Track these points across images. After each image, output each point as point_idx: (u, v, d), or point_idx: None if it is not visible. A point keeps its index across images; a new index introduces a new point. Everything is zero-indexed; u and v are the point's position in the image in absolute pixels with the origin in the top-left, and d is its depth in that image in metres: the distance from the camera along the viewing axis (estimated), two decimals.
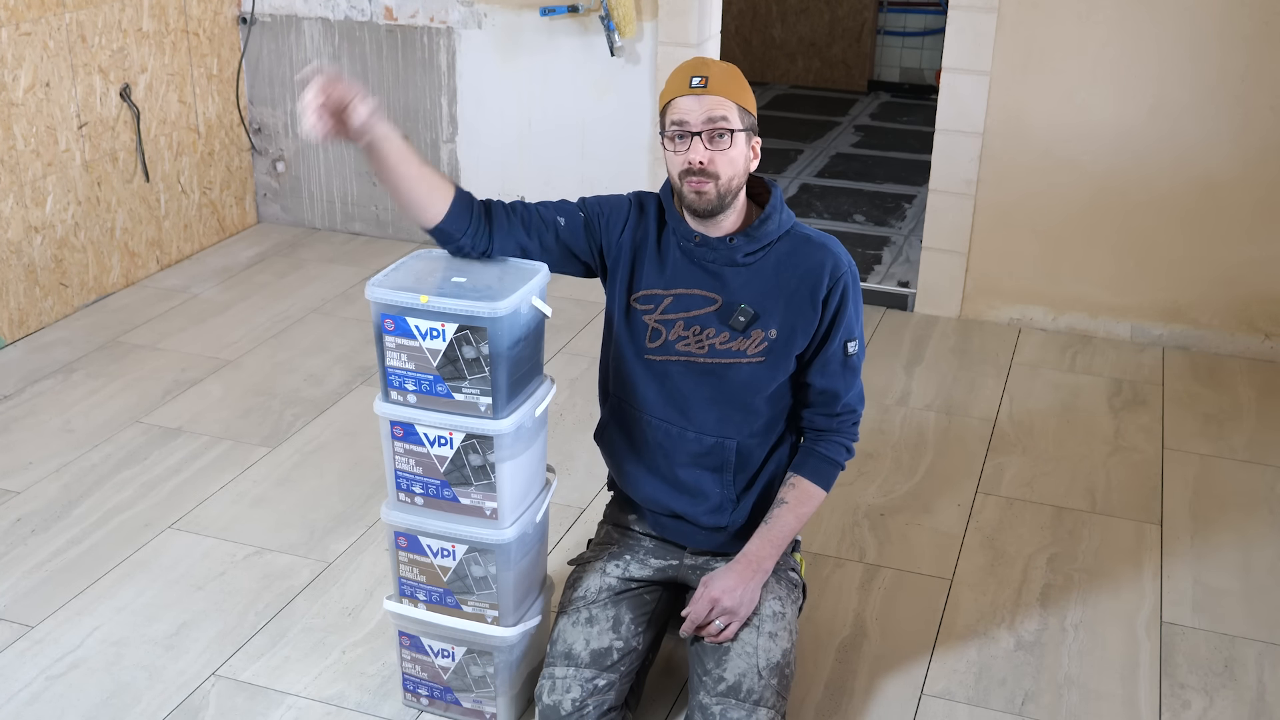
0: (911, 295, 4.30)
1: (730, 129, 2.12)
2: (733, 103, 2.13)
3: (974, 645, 2.65)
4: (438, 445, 2.14)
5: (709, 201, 2.14)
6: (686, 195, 2.16)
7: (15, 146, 3.87)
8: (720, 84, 2.13)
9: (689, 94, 2.12)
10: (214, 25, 4.64)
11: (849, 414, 2.30)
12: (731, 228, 2.21)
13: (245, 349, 3.94)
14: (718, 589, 2.22)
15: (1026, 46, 3.90)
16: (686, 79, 2.13)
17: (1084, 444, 3.45)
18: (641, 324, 2.26)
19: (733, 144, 2.13)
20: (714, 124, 2.11)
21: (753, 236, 2.20)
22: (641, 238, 2.26)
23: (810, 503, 2.28)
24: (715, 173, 2.12)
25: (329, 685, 2.50)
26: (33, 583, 2.80)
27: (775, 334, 2.20)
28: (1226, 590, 2.83)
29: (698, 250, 2.22)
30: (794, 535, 2.30)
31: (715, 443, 2.27)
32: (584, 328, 4.03)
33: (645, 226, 2.27)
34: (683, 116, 2.12)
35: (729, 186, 2.14)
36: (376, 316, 2.09)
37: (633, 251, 2.26)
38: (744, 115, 2.16)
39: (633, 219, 2.27)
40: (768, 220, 2.20)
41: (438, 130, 4.67)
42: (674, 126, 2.14)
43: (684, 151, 2.13)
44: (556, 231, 2.25)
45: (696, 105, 2.11)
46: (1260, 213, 3.85)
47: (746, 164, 2.18)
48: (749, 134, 2.18)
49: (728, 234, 2.20)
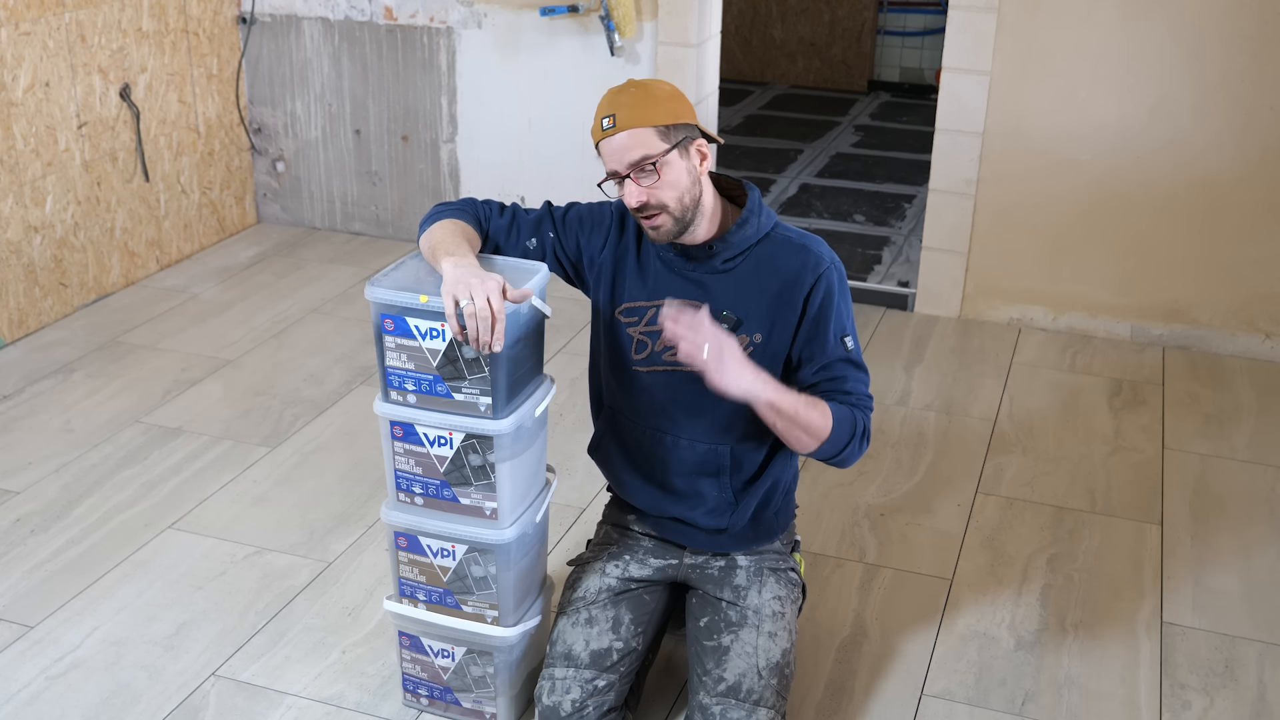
0: (911, 295, 4.30)
1: (654, 159, 2.05)
2: (647, 128, 2.05)
3: (974, 645, 2.65)
4: (437, 445, 2.14)
5: (667, 233, 2.12)
6: (646, 232, 2.14)
7: (15, 146, 3.87)
8: (629, 116, 2.05)
9: (604, 137, 2.08)
10: (214, 25, 4.63)
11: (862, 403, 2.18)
12: (708, 234, 2.18)
13: (245, 349, 3.94)
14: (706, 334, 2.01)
15: (1026, 46, 3.90)
16: (599, 121, 2.08)
17: (1084, 444, 3.45)
18: (626, 336, 2.25)
19: (664, 171, 2.07)
20: (634, 165, 2.06)
21: (730, 242, 2.17)
22: (622, 252, 2.25)
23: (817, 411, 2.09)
24: (660, 203, 2.09)
25: (329, 685, 2.50)
26: (33, 583, 2.80)
27: (760, 338, 2.18)
28: (1226, 590, 2.83)
29: (677, 260, 2.20)
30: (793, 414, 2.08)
31: (708, 449, 2.26)
32: (584, 328, 4.03)
33: (626, 240, 2.25)
34: (609, 163, 2.09)
35: (682, 207, 2.10)
36: (376, 316, 2.09)
37: (614, 266, 2.25)
38: (669, 133, 2.06)
39: (613, 235, 2.25)
40: (745, 224, 2.17)
41: (438, 130, 4.67)
42: (608, 174, 2.11)
43: (622, 195, 2.10)
44: (525, 254, 2.26)
45: (613, 148, 2.07)
46: (1260, 212, 3.85)
47: (694, 175, 2.11)
48: (682, 148, 2.08)
49: (705, 241, 2.18)
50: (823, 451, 2.12)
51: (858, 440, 2.14)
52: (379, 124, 4.75)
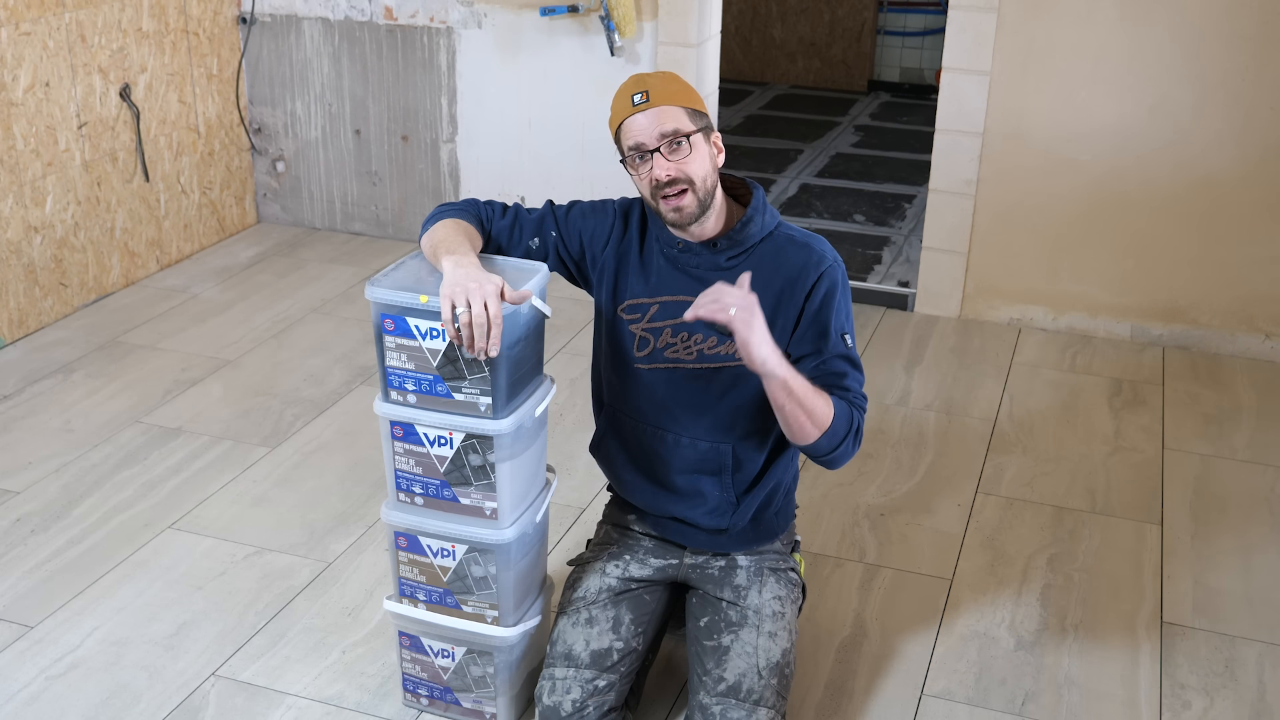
0: (911, 295, 4.30)
1: (686, 134, 2.09)
2: (679, 108, 2.09)
3: (974, 645, 2.65)
4: (438, 445, 2.14)
5: (690, 214, 2.12)
6: (666, 215, 2.13)
7: (15, 146, 3.87)
8: (661, 93, 2.09)
9: (634, 112, 2.09)
10: (214, 25, 4.64)
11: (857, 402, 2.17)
12: (714, 230, 2.18)
13: (245, 349, 3.94)
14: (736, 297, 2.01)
15: (1026, 46, 3.90)
16: (628, 98, 2.10)
17: (1084, 444, 3.45)
18: (629, 333, 2.25)
19: (693, 149, 2.09)
20: (667, 136, 2.08)
21: (735, 240, 2.17)
22: (625, 249, 2.25)
23: (822, 400, 2.08)
24: (688, 177, 2.09)
25: (329, 685, 2.50)
26: (33, 583, 2.80)
27: None
28: (1226, 590, 2.83)
29: (681, 256, 2.20)
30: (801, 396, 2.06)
31: (710, 447, 2.26)
32: (584, 328, 4.03)
33: (629, 237, 2.25)
34: (636, 138, 2.09)
35: (705, 188, 2.12)
36: (376, 316, 2.09)
37: (616, 263, 2.25)
38: (695, 117, 2.12)
39: (616, 233, 2.26)
40: (750, 222, 2.18)
41: (438, 130, 4.67)
42: (631, 150, 2.11)
43: (648, 171, 2.10)
44: (528, 253, 2.27)
45: (645, 122, 2.08)
46: (1260, 212, 3.85)
47: (714, 162, 2.15)
48: (706, 133, 2.14)
49: (710, 238, 2.18)
50: (819, 446, 2.10)
51: (851, 437, 2.13)
52: (379, 124, 4.75)
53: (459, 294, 1.96)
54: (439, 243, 2.11)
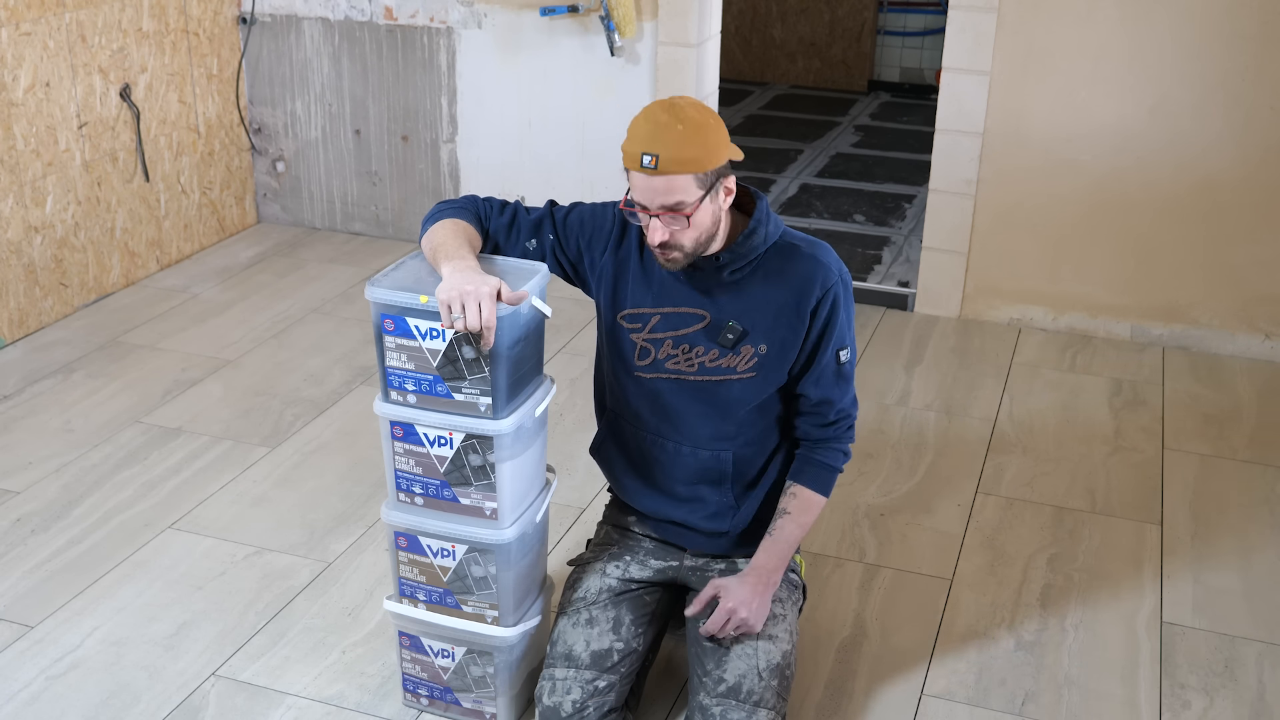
0: (911, 295, 4.30)
1: (685, 209, 2.02)
2: (688, 175, 2.00)
3: (974, 645, 2.65)
4: (438, 445, 2.14)
5: (678, 265, 2.12)
6: (657, 258, 2.13)
7: (15, 146, 3.87)
8: (672, 160, 1.98)
9: (640, 172, 2.01)
10: (214, 25, 4.64)
11: (844, 419, 2.27)
12: (717, 245, 2.16)
13: (245, 349, 3.94)
14: (734, 600, 2.20)
15: (1026, 46, 3.90)
16: (639, 152, 2.00)
17: (1084, 444, 3.45)
18: (630, 342, 2.25)
19: (693, 217, 2.04)
20: (668, 208, 2.03)
21: (739, 253, 2.15)
22: (625, 256, 2.24)
23: (811, 510, 2.27)
24: (679, 244, 2.07)
25: (329, 685, 2.50)
26: (33, 583, 2.80)
27: (765, 349, 2.18)
28: (1226, 590, 2.83)
29: (684, 269, 2.20)
30: (798, 544, 2.30)
31: (710, 456, 2.27)
32: (584, 328, 4.03)
33: (628, 244, 2.24)
34: (639, 195, 2.05)
35: (698, 246, 2.09)
36: (376, 316, 2.09)
37: (615, 271, 2.24)
38: (704, 180, 2.02)
39: (614, 239, 2.24)
40: (753, 234, 2.15)
41: (438, 130, 4.67)
42: (632, 200, 2.07)
43: (645, 223, 2.08)
44: (525, 254, 2.26)
45: (648, 187, 2.02)
46: (1260, 212, 3.85)
47: (715, 219, 2.09)
48: (713, 192, 2.05)
49: (713, 251, 2.16)
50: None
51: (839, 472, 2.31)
52: (379, 124, 4.75)
53: (454, 297, 1.96)
54: (438, 246, 2.11)
